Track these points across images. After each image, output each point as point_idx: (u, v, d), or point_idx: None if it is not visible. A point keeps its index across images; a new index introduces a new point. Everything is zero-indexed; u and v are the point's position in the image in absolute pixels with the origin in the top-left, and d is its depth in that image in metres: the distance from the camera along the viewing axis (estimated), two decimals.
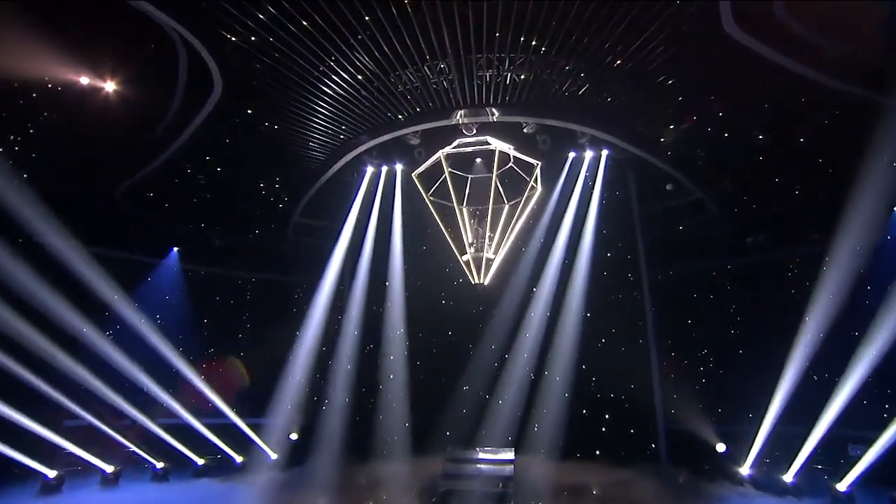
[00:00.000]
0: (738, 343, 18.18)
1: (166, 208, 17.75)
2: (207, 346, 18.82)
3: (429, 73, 14.20)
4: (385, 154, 17.87)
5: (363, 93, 14.72)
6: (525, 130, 16.27)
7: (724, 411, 17.39)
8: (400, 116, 15.72)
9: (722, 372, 18.19)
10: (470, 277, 16.40)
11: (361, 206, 18.61)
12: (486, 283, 16.38)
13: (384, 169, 18.72)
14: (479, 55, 13.72)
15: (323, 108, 15.19)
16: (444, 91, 14.81)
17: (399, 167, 18.63)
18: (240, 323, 19.59)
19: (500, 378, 17.79)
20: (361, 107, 15.29)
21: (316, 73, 13.78)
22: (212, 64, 12.90)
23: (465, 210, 17.51)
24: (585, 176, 17.94)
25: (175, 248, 19.10)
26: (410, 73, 14.20)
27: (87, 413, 15.07)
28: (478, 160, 17.71)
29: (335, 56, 13.33)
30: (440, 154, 16.33)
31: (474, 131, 16.17)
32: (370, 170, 18.61)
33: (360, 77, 14.11)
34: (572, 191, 18.01)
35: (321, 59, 13.37)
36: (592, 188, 17.89)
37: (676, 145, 16.34)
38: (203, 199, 17.98)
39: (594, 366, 17.57)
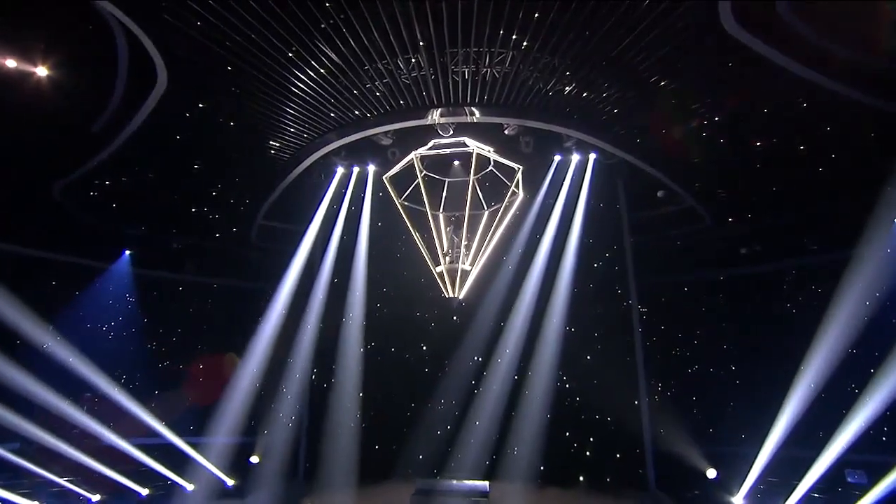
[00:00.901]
0: (731, 360, 17.46)
1: (115, 209, 16.63)
2: (160, 359, 17.75)
3: (400, 67, 13.13)
4: (356, 154, 16.80)
5: (328, 88, 13.65)
6: (506, 132, 15.35)
7: (715, 432, 16.59)
8: (368, 115, 14.72)
9: (714, 390, 17.31)
10: (444, 290, 15.45)
11: (328, 210, 17.54)
12: (461, 296, 15.44)
13: (356, 170, 17.72)
14: (456, 49, 12.68)
15: (284, 104, 14.13)
16: (418, 88, 13.78)
17: (372, 168, 17.63)
18: (198, 333, 18.42)
19: (475, 397, 16.85)
20: (327, 103, 14.22)
21: (275, 66, 12.71)
22: (155, 54, 11.82)
23: (440, 216, 16.57)
24: (571, 181, 16.97)
25: (127, 252, 18.01)
26: (381, 68, 13.20)
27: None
28: (455, 163, 16.79)
29: (296, 47, 12.26)
30: (413, 155, 15.35)
31: (451, 132, 15.24)
32: (340, 170, 17.61)
33: (323, 71, 13.04)
34: (556, 196, 17.07)
35: (280, 50, 12.29)
36: (578, 194, 16.95)
37: (669, 150, 15.54)
38: (158, 200, 16.91)
39: (577, 385, 16.76)
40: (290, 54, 12.40)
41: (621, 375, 16.42)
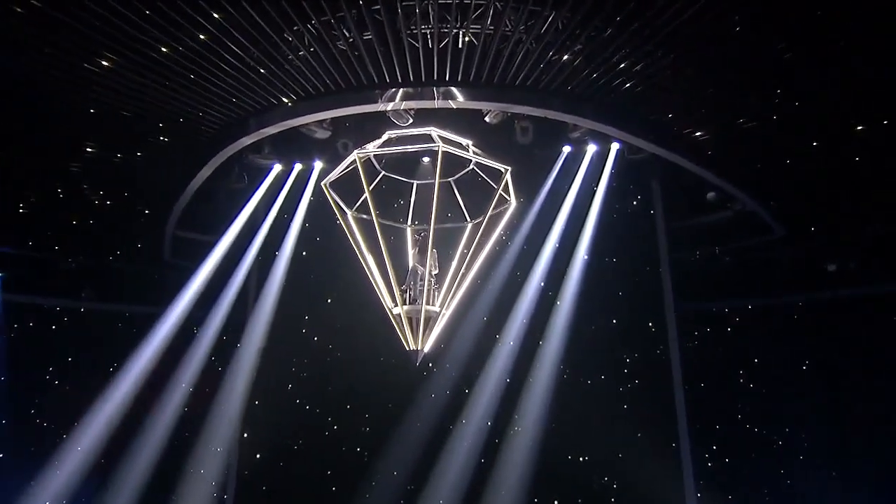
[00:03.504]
0: (816, 416, 13.60)
1: None
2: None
3: (333, 31, 9.73)
4: (291, 149, 13.34)
5: (235, 62, 10.11)
6: (487, 119, 11.77)
7: None
8: (286, 100, 11.22)
9: (787, 464, 13.64)
10: (403, 341, 11.81)
11: (250, 223, 14.26)
12: (425, 349, 11.78)
13: (297, 167, 14.12)
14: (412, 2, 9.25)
15: (173, 80, 10.55)
16: (358, 59, 10.21)
17: (319, 166, 13.95)
18: (91, 370, 15.12)
19: (436, 465, 13.56)
20: (234, 82, 10.69)
21: (156, 30, 9.22)
22: None
23: (407, 231, 12.97)
24: (583, 180, 13.45)
25: None
26: (306, 32, 9.71)
27: None
28: (425, 160, 13.16)
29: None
30: (355, 155, 11.64)
31: (410, 120, 11.65)
32: (277, 169, 14.03)
33: (229, 40, 9.59)
34: (562, 202, 13.66)
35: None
36: (592, 198, 13.51)
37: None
38: (35, 212, 13.74)
39: (594, 465, 13.42)
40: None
41: (656, 449, 12.94)
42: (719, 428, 14.04)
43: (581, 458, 13.41)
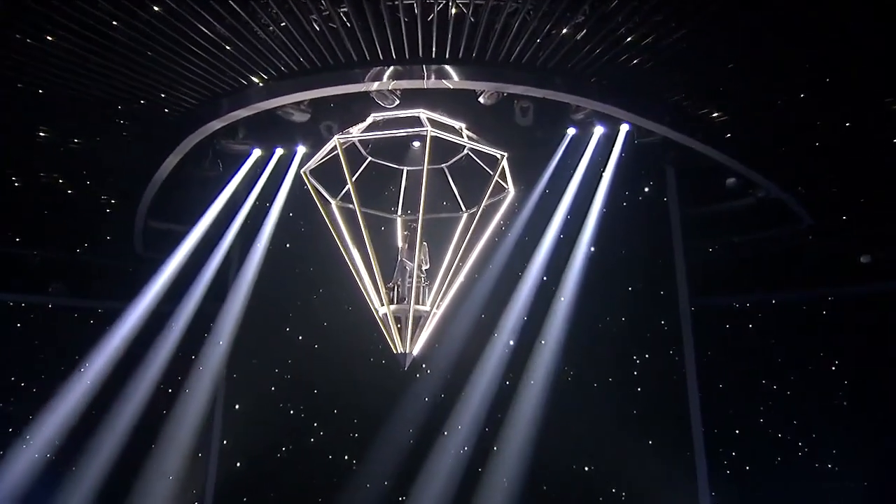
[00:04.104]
0: (843, 420, 12.49)
1: None
2: None
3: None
4: (272, 132, 12.39)
5: (197, 38, 9.09)
6: (481, 100, 10.80)
7: None
8: (257, 80, 10.20)
9: (819, 474, 12.54)
10: (390, 344, 10.86)
11: (226, 212, 13.31)
12: (414, 352, 10.83)
13: (279, 152, 13.14)
14: None
15: (129, 59, 9.50)
16: (335, 35, 9.22)
17: (302, 151, 12.97)
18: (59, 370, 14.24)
19: (428, 474, 12.60)
20: (198, 61, 9.66)
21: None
22: None
23: (398, 221, 11.95)
24: (589, 166, 12.40)
25: None
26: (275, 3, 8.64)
27: None
28: (416, 145, 12.18)
29: None
30: (335, 141, 10.62)
31: (397, 101, 10.65)
32: (257, 154, 13.04)
33: (188, 13, 8.55)
34: (565, 189, 12.61)
35: None
36: (599, 184, 12.47)
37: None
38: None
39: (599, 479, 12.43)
40: None
41: (668, 457, 11.99)
42: (738, 433, 13.04)
43: (586, 468, 12.47)
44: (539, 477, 12.18)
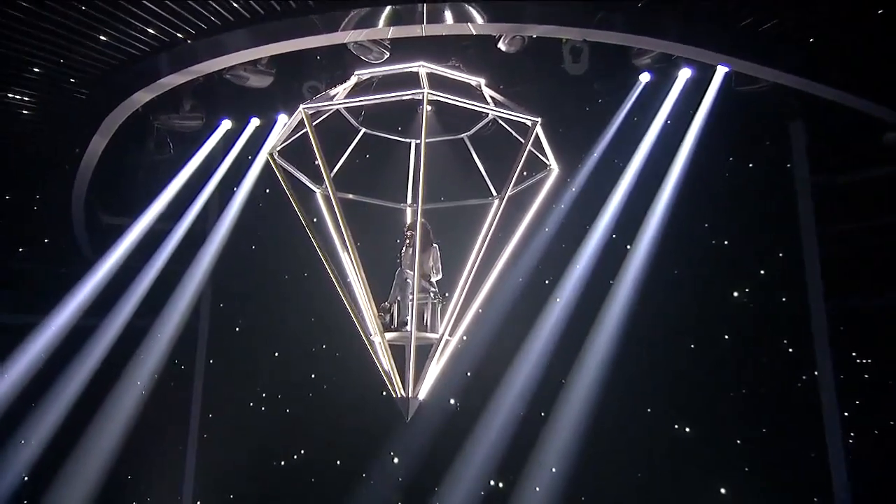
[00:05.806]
0: None
1: None
2: None
3: None
4: (240, 100, 10.00)
5: None
6: (502, 46, 8.31)
7: None
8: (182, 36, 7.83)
9: None
10: (389, 386, 8.24)
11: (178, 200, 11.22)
12: (420, 396, 8.17)
13: (254, 122, 10.80)
14: None
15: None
16: None
17: (284, 120, 10.19)
18: None
19: None
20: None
21: None
22: None
23: (407, 212, 9.18)
24: (669, 123, 9.62)
25: None
26: None
27: None
28: (428, 108, 9.34)
29: None
30: (301, 110, 7.95)
31: (386, 54, 8.43)
32: (226, 125, 10.67)
33: None
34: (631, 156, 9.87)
35: None
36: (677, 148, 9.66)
37: None
38: None
39: None
40: None
41: None
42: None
43: None
44: None
